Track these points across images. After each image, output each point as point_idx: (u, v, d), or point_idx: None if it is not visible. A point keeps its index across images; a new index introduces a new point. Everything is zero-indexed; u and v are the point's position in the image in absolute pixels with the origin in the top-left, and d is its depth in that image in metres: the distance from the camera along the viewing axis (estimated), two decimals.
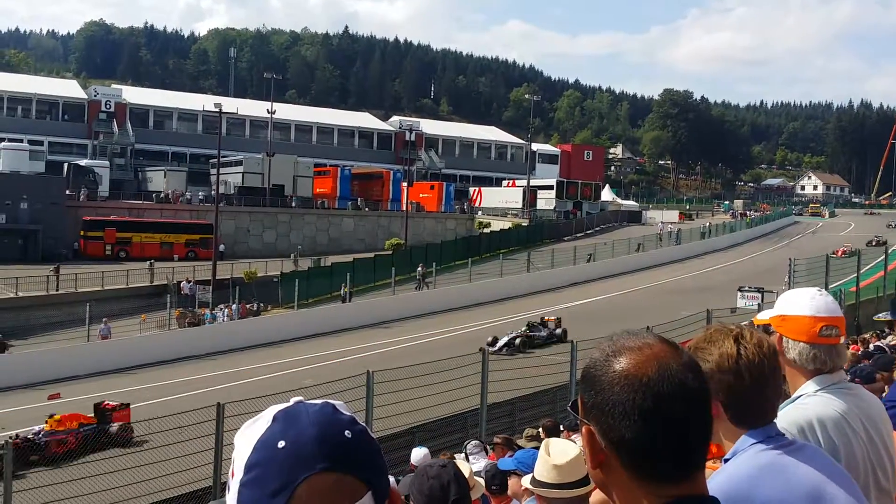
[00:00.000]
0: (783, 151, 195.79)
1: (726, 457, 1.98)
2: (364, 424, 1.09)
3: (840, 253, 48.75)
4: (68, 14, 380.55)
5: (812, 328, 2.40)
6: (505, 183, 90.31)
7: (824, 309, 2.43)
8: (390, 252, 55.67)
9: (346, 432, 1.05)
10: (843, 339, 2.45)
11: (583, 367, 1.47)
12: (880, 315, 3.18)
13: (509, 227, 67.81)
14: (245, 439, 1.06)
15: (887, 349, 10.10)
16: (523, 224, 70.22)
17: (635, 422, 1.31)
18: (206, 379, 26.11)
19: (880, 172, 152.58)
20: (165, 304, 38.18)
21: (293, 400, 1.10)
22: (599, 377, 1.38)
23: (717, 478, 1.92)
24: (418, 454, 8.88)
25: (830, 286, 26.57)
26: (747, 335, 2.07)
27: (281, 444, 1.02)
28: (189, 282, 45.07)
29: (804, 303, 2.46)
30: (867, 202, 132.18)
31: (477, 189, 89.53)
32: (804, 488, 1.85)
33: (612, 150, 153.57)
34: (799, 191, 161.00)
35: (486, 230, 68.30)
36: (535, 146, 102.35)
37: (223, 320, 38.51)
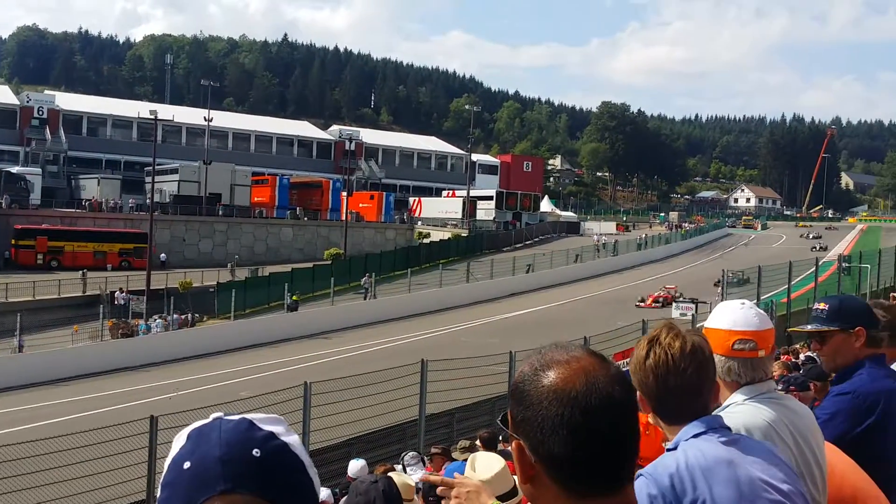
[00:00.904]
0: (717, 164, 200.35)
1: (668, 446, 2.03)
2: (284, 440, 1.07)
3: (650, 302, 40.98)
4: (0, 19, 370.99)
5: (726, 341, 2.43)
6: (445, 193, 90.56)
7: (742, 322, 2.45)
8: (329, 262, 55.39)
9: (255, 451, 1.02)
10: (762, 353, 2.45)
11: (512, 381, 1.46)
12: (809, 326, 3.13)
13: (449, 238, 67.94)
14: (168, 456, 1.06)
15: (818, 359, 10.33)
16: (463, 234, 70.42)
17: (564, 436, 1.31)
18: (140, 391, 25.58)
19: (812, 186, 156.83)
20: (98, 314, 37.38)
21: (212, 416, 1.07)
22: (528, 392, 1.37)
23: (663, 462, 1.96)
24: (355, 466, 8.83)
25: (762, 297, 27.14)
26: (664, 338, 2.11)
27: (186, 464, 1.01)
28: (123, 292, 44.19)
29: (723, 316, 2.49)
30: (798, 214, 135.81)
31: (417, 199, 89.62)
32: (753, 482, 1.89)
33: (551, 162, 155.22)
34: (732, 203, 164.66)
35: (426, 240, 68.32)
36: (474, 157, 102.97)
37: (157, 331, 37.83)
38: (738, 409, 2.38)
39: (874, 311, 3.34)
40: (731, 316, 2.47)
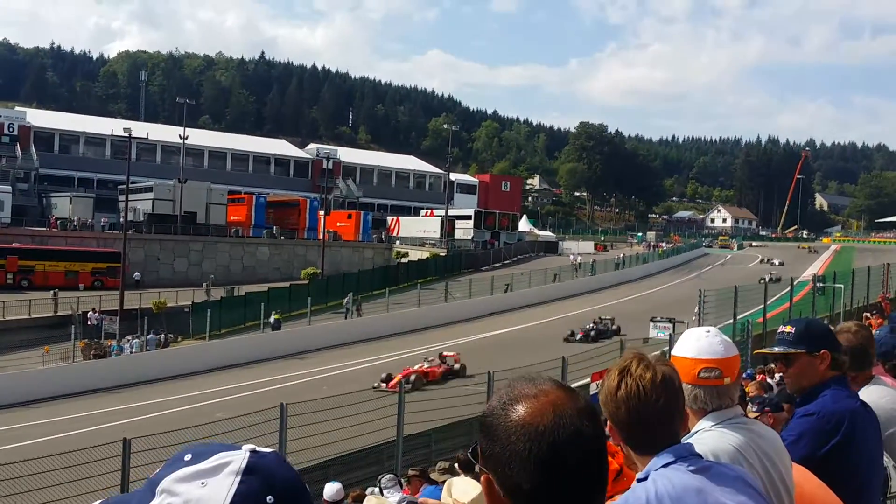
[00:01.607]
0: (694, 185, 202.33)
1: (639, 476, 2.02)
2: None
3: (394, 383, 23.66)
4: None
5: (692, 370, 2.45)
6: (423, 212, 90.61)
7: (706, 351, 2.48)
8: (307, 281, 55.19)
9: (302, 482, 1.11)
10: (727, 380, 2.48)
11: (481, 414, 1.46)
12: (775, 348, 3.13)
13: (427, 257, 67.99)
14: (207, 491, 1.05)
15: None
16: (441, 254, 70.47)
17: (532, 472, 1.31)
18: (113, 413, 25.28)
19: (786, 206, 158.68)
20: (70, 335, 36.93)
21: (246, 448, 1.10)
22: (497, 426, 1.37)
23: (634, 493, 1.95)
24: (331, 490, 8.76)
25: (738, 317, 27.33)
26: (635, 368, 2.11)
27: (270, 499, 1.05)
28: (95, 312, 43.70)
29: (688, 344, 2.51)
30: (773, 235, 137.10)
31: (395, 218, 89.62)
32: None
33: (529, 181, 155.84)
34: (709, 223, 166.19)
35: (404, 260, 68.31)
36: (453, 176, 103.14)
37: (132, 351, 37.42)
38: (706, 436, 2.40)
39: (839, 336, 3.41)
40: (696, 344, 2.50)
